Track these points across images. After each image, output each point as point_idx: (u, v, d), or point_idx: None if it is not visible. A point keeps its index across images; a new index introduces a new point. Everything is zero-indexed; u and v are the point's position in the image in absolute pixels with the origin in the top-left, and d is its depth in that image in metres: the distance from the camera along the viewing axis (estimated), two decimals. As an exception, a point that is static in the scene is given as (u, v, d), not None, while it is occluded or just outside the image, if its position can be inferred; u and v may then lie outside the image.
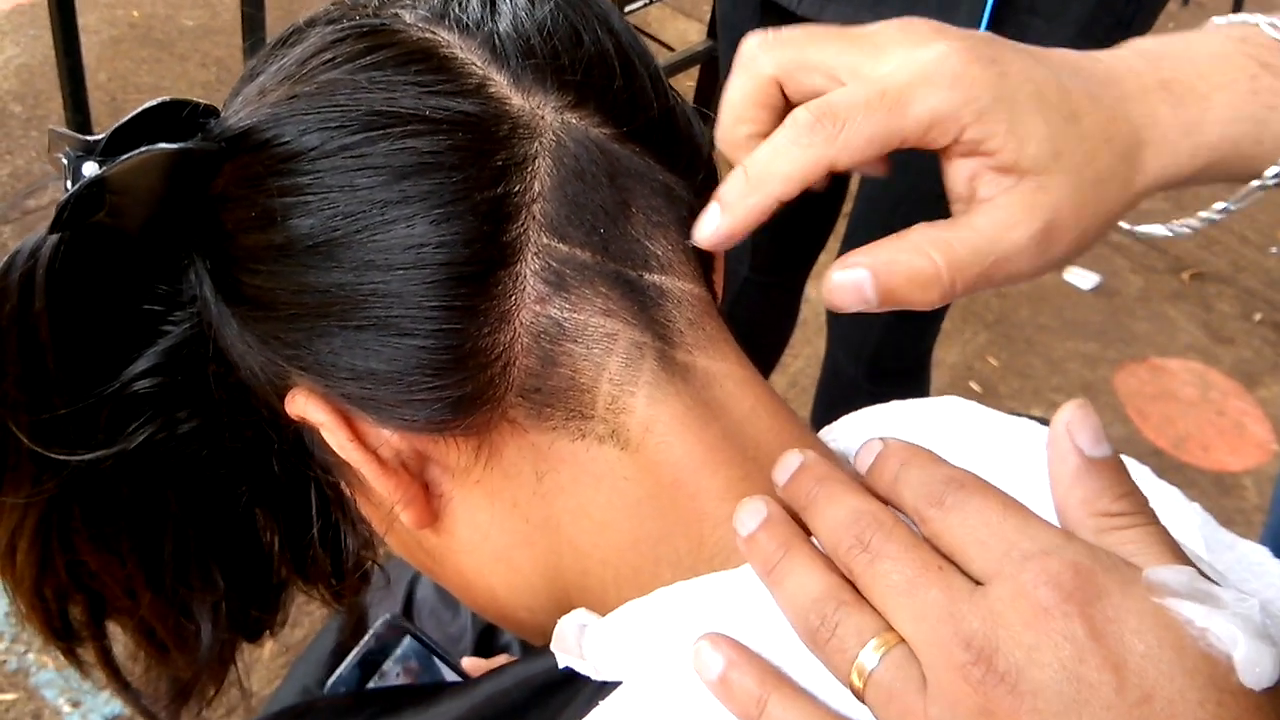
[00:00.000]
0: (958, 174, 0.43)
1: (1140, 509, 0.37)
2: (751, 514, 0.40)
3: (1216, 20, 0.49)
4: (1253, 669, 0.32)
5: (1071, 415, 0.38)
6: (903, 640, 0.36)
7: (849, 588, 0.38)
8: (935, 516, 0.38)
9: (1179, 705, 0.32)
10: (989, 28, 1.13)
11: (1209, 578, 0.35)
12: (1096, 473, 0.38)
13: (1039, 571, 0.34)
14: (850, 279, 0.43)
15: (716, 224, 0.44)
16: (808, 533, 0.40)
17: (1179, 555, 0.36)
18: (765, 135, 0.44)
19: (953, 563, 0.37)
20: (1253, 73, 0.45)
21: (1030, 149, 0.42)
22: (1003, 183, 0.42)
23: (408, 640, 0.78)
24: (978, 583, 0.36)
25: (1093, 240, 0.44)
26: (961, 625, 0.34)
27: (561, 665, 0.43)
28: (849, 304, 0.42)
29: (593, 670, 0.42)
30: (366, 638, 0.78)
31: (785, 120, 0.43)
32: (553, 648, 0.43)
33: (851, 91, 0.41)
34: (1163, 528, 0.37)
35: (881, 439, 0.41)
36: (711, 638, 0.39)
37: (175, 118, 0.43)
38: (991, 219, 0.42)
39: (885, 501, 0.40)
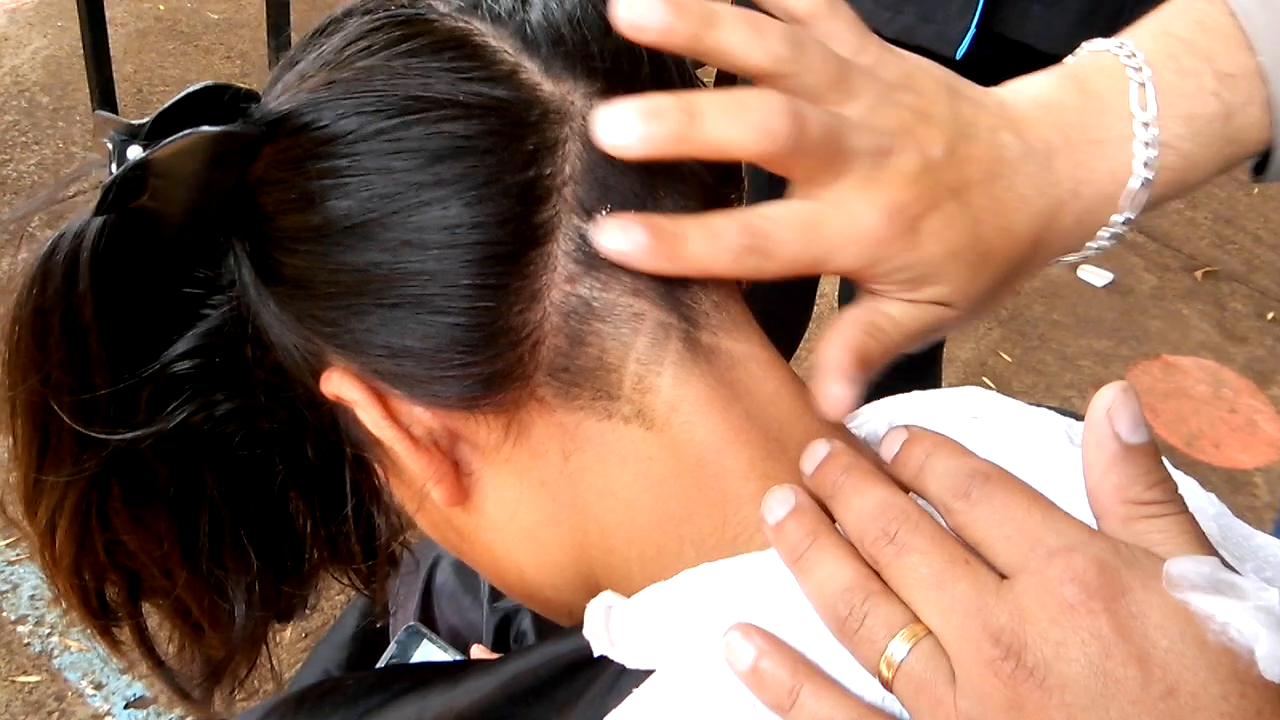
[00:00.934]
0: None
1: (1171, 498, 0.38)
2: (780, 502, 0.41)
3: (1088, 51, 0.51)
4: (1275, 663, 0.33)
5: (1113, 400, 0.38)
6: (931, 632, 0.37)
7: (876, 578, 0.38)
8: (961, 509, 0.38)
9: (1202, 698, 0.33)
10: (985, 10, 1.13)
11: (1232, 568, 0.35)
12: (1132, 459, 0.38)
13: (1064, 568, 0.35)
14: (845, 396, 0.45)
15: (635, 243, 0.42)
16: (833, 521, 0.41)
17: (1205, 545, 0.37)
18: None
19: (978, 555, 0.37)
20: (1144, 158, 0.48)
21: (930, 292, 0.46)
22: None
23: (426, 644, 0.80)
24: (1003, 576, 0.37)
25: None
26: (990, 620, 0.35)
27: (596, 654, 0.43)
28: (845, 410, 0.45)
29: (625, 658, 0.42)
30: (390, 647, 0.80)
31: (724, 222, 0.43)
32: (585, 633, 0.44)
33: (786, 233, 0.43)
34: (1191, 517, 0.38)
35: (907, 427, 0.42)
36: (742, 628, 0.39)
37: (217, 103, 0.44)
38: (905, 318, 0.46)
39: (909, 489, 0.41)
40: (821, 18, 0.45)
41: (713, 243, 0.43)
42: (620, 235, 0.42)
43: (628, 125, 0.41)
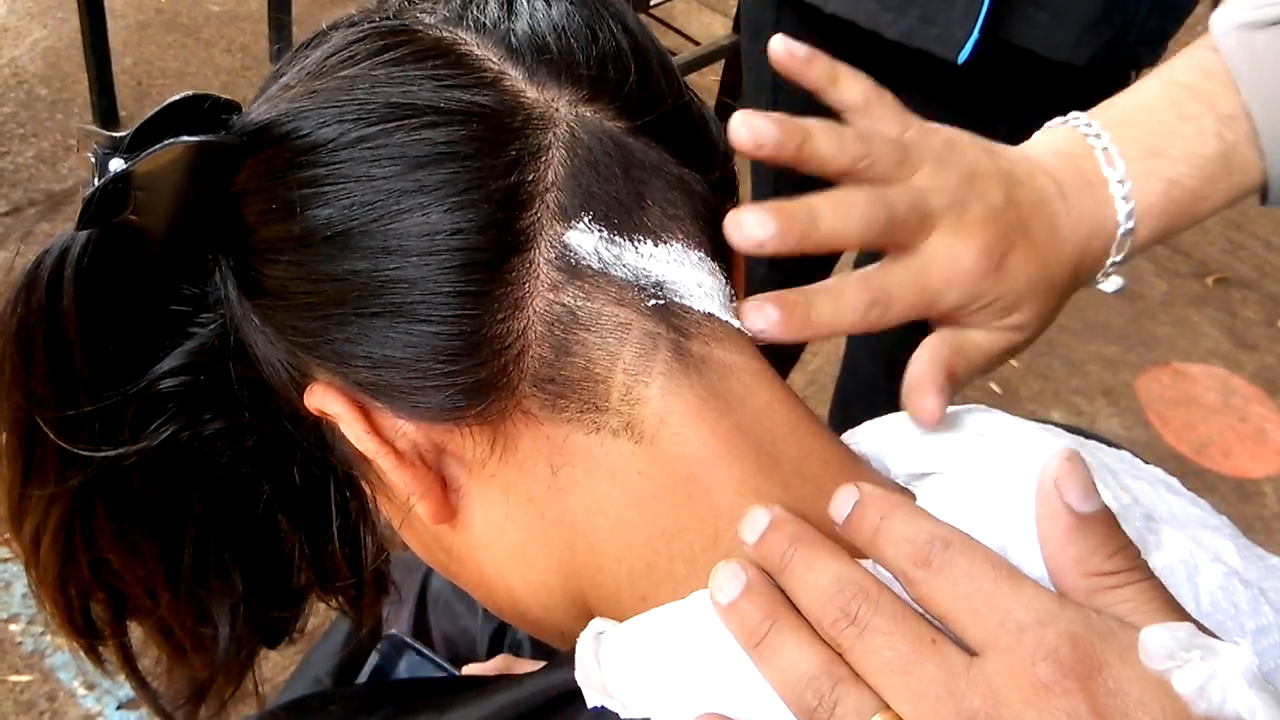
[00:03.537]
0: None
1: (1134, 564, 0.36)
2: (731, 579, 0.39)
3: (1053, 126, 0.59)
4: None
5: (1060, 469, 0.37)
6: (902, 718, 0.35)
7: (842, 663, 0.37)
8: (923, 579, 0.37)
9: None
10: (989, 15, 1.12)
11: (1208, 631, 0.34)
12: (1088, 530, 0.37)
13: (1036, 645, 0.34)
14: (936, 406, 0.50)
15: (770, 320, 0.47)
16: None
17: (1176, 610, 0.36)
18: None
19: (945, 631, 0.36)
20: (1124, 211, 0.56)
21: (1014, 319, 0.54)
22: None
23: (411, 655, 0.79)
24: (972, 653, 0.35)
25: None
26: (962, 705, 0.34)
27: (591, 704, 0.42)
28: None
29: (621, 707, 0.41)
30: (371, 657, 0.79)
31: (845, 285, 0.50)
32: (578, 678, 0.42)
33: (901, 283, 0.50)
34: (1157, 581, 0.36)
35: (857, 485, 0.40)
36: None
37: (197, 113, 0.44)
38: (987, 342, 0.54)
39: (864, 554, 0.39)
40: (872, 104, 0.53)
41: (838, 304, 0.49)
42: (759, 316, 0.47)
43: (764, 225, 0.46)
